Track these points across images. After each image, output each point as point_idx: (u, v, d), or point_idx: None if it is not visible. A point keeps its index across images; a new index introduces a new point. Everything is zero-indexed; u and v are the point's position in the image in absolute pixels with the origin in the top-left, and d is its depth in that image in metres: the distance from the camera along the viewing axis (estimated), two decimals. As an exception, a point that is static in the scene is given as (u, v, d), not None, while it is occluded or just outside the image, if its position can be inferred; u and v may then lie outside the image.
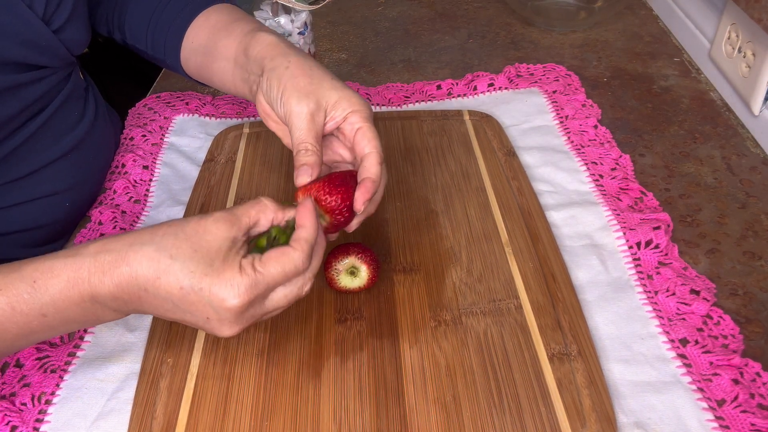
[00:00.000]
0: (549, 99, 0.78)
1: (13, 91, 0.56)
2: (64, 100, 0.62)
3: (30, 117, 0.59)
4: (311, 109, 0.51)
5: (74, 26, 0.59)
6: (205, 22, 0.63)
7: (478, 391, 0.47)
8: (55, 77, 0.61)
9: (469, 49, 0.91)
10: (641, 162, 0.69)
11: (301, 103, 0.51)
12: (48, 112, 0.61)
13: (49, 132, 0.61)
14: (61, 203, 0.64)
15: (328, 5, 0.97)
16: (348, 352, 0.50)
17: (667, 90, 0.81)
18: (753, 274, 0.57)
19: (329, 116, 0.52)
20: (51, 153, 0.61)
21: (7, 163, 0.58)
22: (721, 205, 0.64)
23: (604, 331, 0.52)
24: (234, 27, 0.60)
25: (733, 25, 0.76)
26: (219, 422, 0.46)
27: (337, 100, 0.51)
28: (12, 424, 0.47)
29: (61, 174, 0.63)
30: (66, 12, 0.58)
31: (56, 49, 0.58)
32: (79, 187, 0.65)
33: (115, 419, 0.47)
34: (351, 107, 0.51)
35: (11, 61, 0.55)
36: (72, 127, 0.64)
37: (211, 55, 0.61)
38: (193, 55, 0.64)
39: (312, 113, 0.51)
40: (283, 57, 0.53)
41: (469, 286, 0.55)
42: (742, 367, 0.48)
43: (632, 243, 0.58)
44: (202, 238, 0.42)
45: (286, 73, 0.52)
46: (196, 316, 0.42)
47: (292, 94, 0.51)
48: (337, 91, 0.51)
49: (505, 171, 0.67)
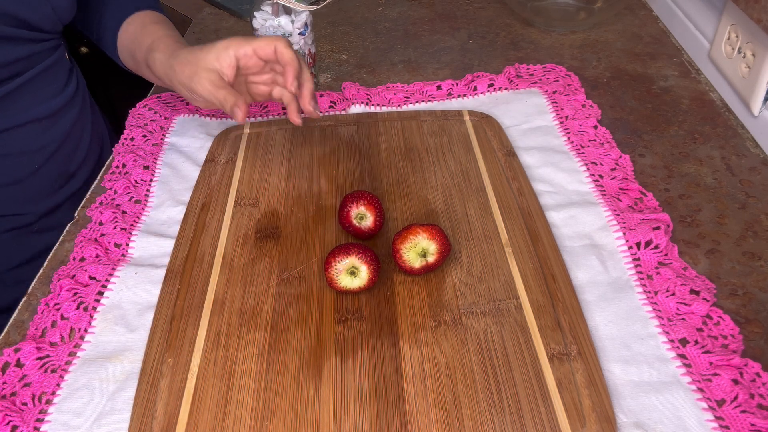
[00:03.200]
0: (549, 99, 0.78)
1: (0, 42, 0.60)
2: (44, 69, 0.67)
3: (9, 76, 0.63)
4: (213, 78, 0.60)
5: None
6: (131, 24, 0.71)
7: (478, 391, 0.47)
8: (39, 46, 0.65)
9: (469, 49, 0.91)
10: (641, 162, 0.70)
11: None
12: (27, 76, 0.65)
13: (26, 95, 0.66)
14: (29, 164, 0.68)
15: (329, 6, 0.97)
16: (348, 352, 0.50)
17: (666, 90, 0.81)
18: (753, 274, 0.57)
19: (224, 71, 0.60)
20: (25, 116, 0.67)
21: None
22: (721, 205, 0.64)
23: (604, 331, 0.52)
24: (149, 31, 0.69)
25: (732, 26, 0.76)
26: (219, 422, 0.46)
27: (214, 57, 0.60)
28: (12, 423, 0.47)
29: (31, 137, 0.68)
30: None
31: (44, 9, 0.62)
32: (47, 154, 0.70)
33: (116, 419, 0.47)
34: (228, 50, 0.60)
35: (2, 12, 0.59)
36: (49, 97, 0.69)
37: (130, 52, 0.70)
38: (122, 48, 0.72)
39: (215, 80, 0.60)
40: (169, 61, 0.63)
41: (469, 286, 0.55)
42: (742, 367, 0.48)
43: (632, 243, 0.58)
44: None
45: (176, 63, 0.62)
46: None
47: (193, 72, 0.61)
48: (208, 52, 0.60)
49: (505, 171, 0.67)
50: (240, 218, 0.63)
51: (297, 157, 0.70)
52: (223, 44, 0.60)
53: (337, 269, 0.53)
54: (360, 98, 0.79)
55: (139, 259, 0.60)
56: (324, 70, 0.88)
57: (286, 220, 0.62)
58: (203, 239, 0.61)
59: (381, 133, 0.73)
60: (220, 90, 0.59)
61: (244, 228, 0.62)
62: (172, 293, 0.56)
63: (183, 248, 0.60)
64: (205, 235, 0.61)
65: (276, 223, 0.62)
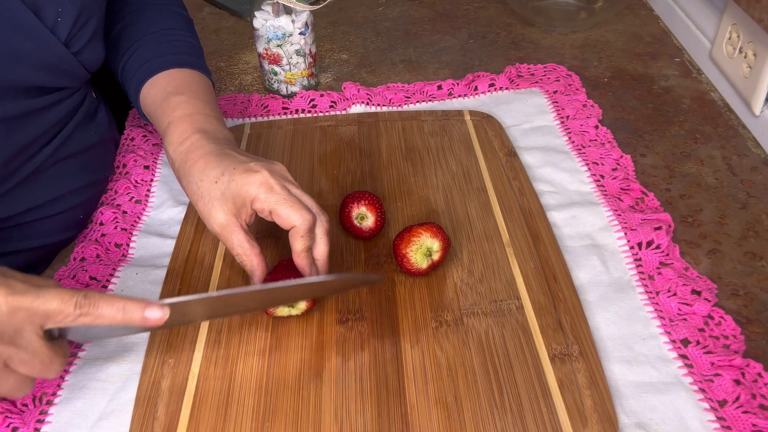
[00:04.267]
0: (550, 99, 0.78)
1: (33, 115, 0.56)
2: (79, 121, 0.63)
3: (48, 141, 0.59)
4: (229, 221, 0.51)
5: (93, 46, 0.59)
6: (154, 86, 0.61)
7: (480, 391, 0.47)
8: (71, 100, 0.61)
9: (469, 49, 0.91)
10: (642, 162, 0.69)
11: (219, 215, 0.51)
12: (64, 134, 0.61)
13: (66, 154, 0.62)
14: (75, 216, 0.65)
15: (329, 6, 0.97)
16: (349, 352, 0.50)
17: (667, 90, 0.81)
18: (754, 274, 0.57)
19: (245, 215, 0.52)
20: (71, 180, 0.63)
21: (26, 186, 0.59)
22: (722, 205, 0.64)
23: (606, 331, 0.52)
24: (168, 104, 0.58)
25: (734, 26, 0.76)
26: (220, 422, 0.46)
27: (242, 200, 0.51)
28: (13, 425, 0.47)
29: (75, 191, 0.64)
30: (88, 34, 0.57)
31: (75, 70, 0.58)
32: (87, 193, 0.66)
33: (117, 419, 0.47)
34: (248, 194, 0.50)
35: (30, 86, 0.55)
36: (86, 148, 0.65)
37: (154, 123, 0.61)
38: (146, 114, 0.63)
39: (230, 224, 0.51)
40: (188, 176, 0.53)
41: (470, 286, 0.55)
42: (744, 367, 0.48)
43: (633, 243, 0.58)
44: None
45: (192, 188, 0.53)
46: None
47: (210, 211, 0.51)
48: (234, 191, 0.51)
49: (506, 171, 0.67)
50: (241, 218, 0.63)
51: (297, 158, 0.70)
52: (241, 196, 0.50)
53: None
54: (360, 98, 0.79)
55: (140, 260, 0.60)
56: (324, 70, 0.88)
57: (287, 220, 0.62)
58: (204, 239, 0.61)
59: (382, 133, 0.73)
60: (234, 236, 0.51)
61: (244, 228, 0.62)
62: (172, 293, 0.56)
63: (184, 248, 0.60)
64: (205, 235, 0.61)
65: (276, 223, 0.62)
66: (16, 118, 0.55)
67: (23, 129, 0.56)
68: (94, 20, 0.58)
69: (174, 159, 0.55)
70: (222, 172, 0.51)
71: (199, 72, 0.63)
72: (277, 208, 0.49)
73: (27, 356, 0.40)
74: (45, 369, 0.41)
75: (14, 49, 0.52)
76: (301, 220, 0.49)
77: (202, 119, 0.57)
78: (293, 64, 0.79)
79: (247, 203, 0.50)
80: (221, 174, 0.51)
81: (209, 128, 0.56)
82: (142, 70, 0.62)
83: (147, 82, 0.61)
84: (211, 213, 0.51)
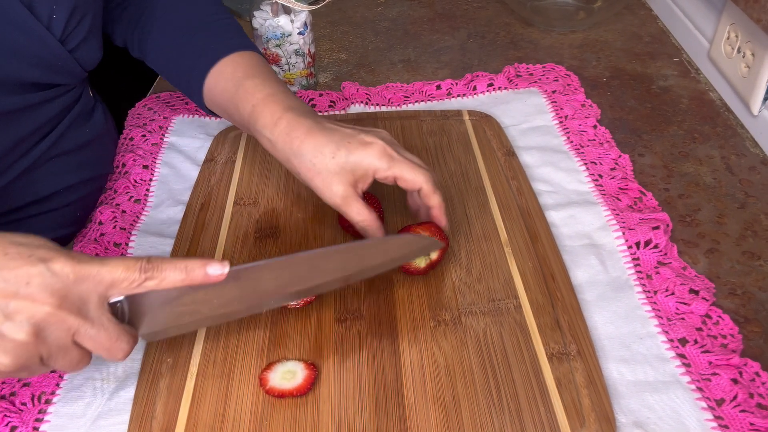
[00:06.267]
0: (548, 99, 0.78)
1: (27, 111, 0.56)
2: (74, 118, 0.62)
3: (42, 136, 0.59)
4: (347, 191, 0.53)
5: (89, 44, 0.59)
6: (221, 75, 0.60)
7: (478, 390, 0.47)
8: (67, 97, 0.61)
9: (468, 49, 0.91)
10: (640, 162, 0.70)
11: (336, 186, 0.53)
12: (59, 130, 0.61)
13: (61, 150, 0.62)
14: (73, 213, 0.65)
15: (328, 5, 0.97)
16: (347, 351, 0.50)
17: (666, 90, 0.81)
18: (752, 273, 0.57)
19: (363, 184, 0.54)
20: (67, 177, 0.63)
21: (21, 181, 0.59)
22: (720, 204, 0.64)
23: (604, 330, 0.52)
24: (245, 90, 0.58)
25: (732, 26, 0.76)
26: (219, 421, 0.46)
27: (363, 171, 0.53)
28: (12, 424, 0.47)
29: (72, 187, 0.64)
30: (83, 32, 0.57)
31: (71, 67, 0.58)
32: (83, 190, 0.66)
33: (115, 419, 0.47)
34: (371, 166, 0.53)
35: (25, 82, 0.55)
36: (82, 146, 0.64)
37: (229, 115, 0.60)
38: (214, 105, 0.62)
39: (350, 195, 0.53)
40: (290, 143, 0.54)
41: (469, 285, 0.55)
42: (741, 366, 0.48)
43: (631, 243, 0.58)
44: None
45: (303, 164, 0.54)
46: None
47: (325, 178, 0.53)
48: (356, 155, 0.52)
49: (505, 171, 0.67)
50: (239, 218, 0.63)
51: (296, 157, 0.70)
52: (362, 167, 0.52)
53: None
54: (359, 98, 0.79)
55: (139, 259, 0.60)
56: (323, 70, 0.88)
57: (286, 219, 0.62)
58: (203, 239, 0.61)
59: (380, 133, 0.73)
60: (354, 205, 0.53)
61: (243, 227, 0.62)
62: (171, 293, 0.56)
63: (182, 248, 0.60)
64: (204, 235, 0.61)
65: (275, 223, 0.62)
66: (11, 113, 0.55)
67: (18, 124, 0.56)
68: (90, 17, 0.58)
69: (274, 141, 0.55)
70: (337, 147, 0.52)
71: (255, 52, 0.62)
72: (403, 173, 0.52)
73: (94, 330, 0.41)
74: (112, 345, 0.42)
75: (9, 44, 0.52)
76: (425, 179, 0.53)
77: (285, 97, 0.56)
78: (292, 64, 0.79)
79: (369, 173, 0.53)
80: (336, 149, 0.52)
81: (294, 105, 0.56)
82: (202, 62, 0.61)
83: (210, 72, 0.60)
84: (331, 186, 0.53)
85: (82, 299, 0.40)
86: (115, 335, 0.42)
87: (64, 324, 0.39)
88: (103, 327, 0.41)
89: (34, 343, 0.39)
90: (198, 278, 0.43)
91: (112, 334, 0.41)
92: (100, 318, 0.41)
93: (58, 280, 0.39)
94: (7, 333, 0.38)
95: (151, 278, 0.42)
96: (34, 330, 0.38)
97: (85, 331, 0.40)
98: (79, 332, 0.40)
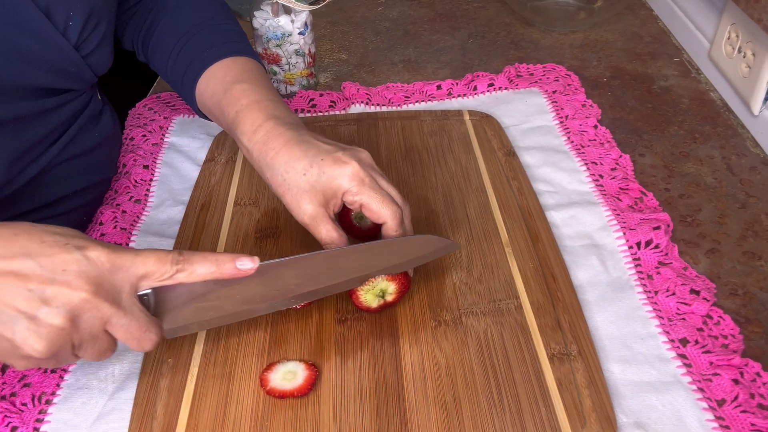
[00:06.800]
0: (549, 99, 0.78)
1: (39, 116, 0.56)
2: (83, 123, 0.62)
3: (53, 141, 0.59)
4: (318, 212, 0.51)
5: (102, 50, 0.59)
6: (212, 78, 0.59)
7: (478, 391, 0.47)
8: (77, 102, 0.61)
9: (469, 49, 0.91)
10: (641, 162, 0.69)
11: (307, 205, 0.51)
12: (69, 135, 0.61)
13: (70, 155, 0.62)
14: (80, 216, 0.65)
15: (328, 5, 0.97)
16: (348, 352, 0.50)
17: (666, 90, 0.81)
18: (753, 274, 0.57)
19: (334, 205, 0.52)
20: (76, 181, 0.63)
21: (30, 186, 0.59)
22: (721, 205, 0.64)
23: (604, 331, 0.52)
24: (232, 94, 0.57)
25: (733, 26, 0.76)
26: (219, 422, 0.46)
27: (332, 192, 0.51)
28: (12, 424, 0.47)
29: (79, 191, 0.64)
30: (98, 38, 0.57)
31: (83, 73, 0.58)
32: (91, 194, 0.66)
33: (116, 419, 0.47)
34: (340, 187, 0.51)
35: (38, 88, 0.55)
36: (90, 149, 0.64)
37: (216, 119, 0.60)
38: (204, 109, 0.62)
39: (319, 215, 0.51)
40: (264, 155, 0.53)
41: (469, 286, 0.55)
42: (742, 367, 0.48)
43: (632, 243, 0.58)
44: None
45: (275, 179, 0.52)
46: None
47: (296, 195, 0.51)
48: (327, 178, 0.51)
49: (505, 171, 0.67)
50: (240, 218, 0.63)
51: (297, 157, 0.70)
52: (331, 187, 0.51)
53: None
54: (360, 98, 0.79)
55: (139, 259, 0.60)
56: (324, 70, 0.88)
57: (286, 219, 0.62)
58: (203, 239, 0.61)
59: (381, 133, 0.73)
60: (322, 226, 0.51)
61: (244, 228, 0.62)
62: (172, 293, 0.56)
63: (183, 248, 0.60)
64: (204, 235, 0.61)
65: (276, 223, 0.62)
66: (24, 118, 0.55)
67: (30, 129, 0.56)
68: (104, 24, 0.58)
69: (251, 149, 0.53)
70: (310, 163, 0.50)
71: (252, 58, 0.62)
72: (370, 203, 0.50)
73: (126, 319, 0.41)
74: (142, 335, 0.42)
75: (23, 50, 0.52)
76: (391, 215, 0.50)
77: (270, 105, 0.55)
78: (292, 64, 0.79)
79: (338, 195, 0.51)
80: (309, 165, 0.50)
81: (279, 114, 0.55)
82: (195, 64, 0.60)
83: (202, 75, 0.60)
84: (300, 204, 0.51)
85: (115, 288, 0.41)
86: (146, 325, 0.42)
87: (99, 311, 0.40)
88: (134, 317, 0.42)
89: (69, 329, 0.39)
90: (228, 272, 0.44)
91: (142, 324, 0.42)
92: (131, 308, 0.42)
93: (94, 268, 0.40)
94: (44, 318, 0.38)
95: (182, 270, 0.43)
96: (70, 316, 0.39)
97: (117, 320, 0.41)
98: (111, 321, 0.41)
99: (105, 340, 0.42)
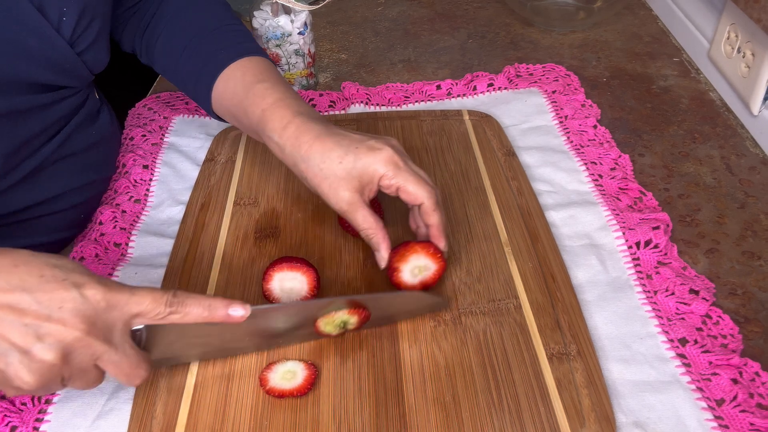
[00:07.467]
0: (548, 99, 0.78)
1: (35, 111, 0.56)
2: (80, 120, 0.62)
3: (49, 138, 0.59)
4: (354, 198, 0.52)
5: (97, 47, 0.59)
6: (230, 79, 0.59)
7: (478, 390, 0.47)
8: (74, 99, 0.61)
9: (468, 49, 0.91)
10: (640, 162, 0.70)
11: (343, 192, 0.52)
12: (66, 132, 0.61)
13: (67, 152, 0.62)
14: (77, 215, 0.65)
15: (328, 5, 0.97)
16: (347, 352, 0.50)
17: (666, 90, 0.81)
18: (752, 273, 0.57)
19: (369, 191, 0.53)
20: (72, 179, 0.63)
21: (27, 183, 0.59)
22: (721, 204, 0.64)
23: (604, 330, 0.52)
24: (255, 94, 0.57)
25: (732, 26, 0.76)
26: (219, 422, 0.46)
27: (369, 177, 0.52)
28: (12, 424, 0.47)
29: (76, 190, 0.64)
30: (92, 35, 0.57)
31: (78, 70, 0.58)
32: (88, 193, 0.66)
33: (115, 419, 0.47)
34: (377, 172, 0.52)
35: (34, 83, 0.55)
36: (87, 148, 0.64)
37: (237, 119, 0.60)
38: (222, 110, 0.62)
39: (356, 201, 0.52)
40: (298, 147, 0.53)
41: (469, 285, 0.55)
42: (741, 366, 0.48)
43: (631, 243, 0.58)
44: None
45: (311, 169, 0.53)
46: None
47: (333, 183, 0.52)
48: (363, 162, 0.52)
49: (505, 171, 0.67)
50: (239, 218, 0.63)
51: (296, 157, 0.70)
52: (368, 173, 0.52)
53: None
54: (359, 98, 0.79)
55: (139, 259, 0.60)
56: (323, 70, 0.88)
57: (286, 219, 0.62)
58: (203, 239, 0.61)
59: (380, 133, 0.73)
60: (359, 211, 0.52)
61: (243, 227, 0.62)
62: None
63: (182, 248, 0.60)
64: (204, 235, 0.61)
65: (275, 223, 0.62)
66: (19, 113, 0.55)
67: (25, 124, 0.56)
68: (99, 21, 0.58)
69: (282, 145, 0.54)
70: (345, 152, 0.52)
71: (263, 57, 0.62)
72: (407, 185, 0.52)
73: (117, 356, 0.42)
74: (131, 372, 0.43)
75: (19, 45, 0.52)
76: (428, 195, 0.52)
77: (294, 103, 0.56)
78: (292, 64, 0.79)
79: (374, 180, 0.52)
80: (345, 154, 0.52)
81: (304, 110, 0.56)
82: (210, 66, 0.61)
83: (219, 76, 0.60)
84: (338, 192, 0.52)
85: (108, 326, 0.41)
86: (136, 362, 0.43)
87: (90, 349, 0.41)
88: (125, 354, 0.42)
89: (60, 365, 0.40)
90: (219, 317, 0.44)
91: (132, 361, 0.43)
92: (123, 345, 0.42)
93: (90, 307, 0.40)
94: (37, 353, 0.39)
95: (175, 312, 0.43)
96: (63, 353, 0.40)
97: (108, 357, 0.41)
98: (102, 357, 0.41)
99: (94, 373, 0.42)
